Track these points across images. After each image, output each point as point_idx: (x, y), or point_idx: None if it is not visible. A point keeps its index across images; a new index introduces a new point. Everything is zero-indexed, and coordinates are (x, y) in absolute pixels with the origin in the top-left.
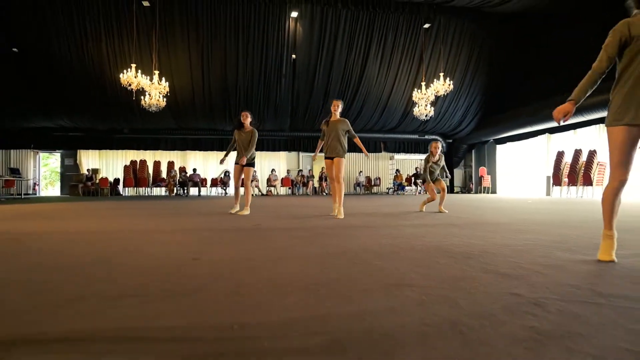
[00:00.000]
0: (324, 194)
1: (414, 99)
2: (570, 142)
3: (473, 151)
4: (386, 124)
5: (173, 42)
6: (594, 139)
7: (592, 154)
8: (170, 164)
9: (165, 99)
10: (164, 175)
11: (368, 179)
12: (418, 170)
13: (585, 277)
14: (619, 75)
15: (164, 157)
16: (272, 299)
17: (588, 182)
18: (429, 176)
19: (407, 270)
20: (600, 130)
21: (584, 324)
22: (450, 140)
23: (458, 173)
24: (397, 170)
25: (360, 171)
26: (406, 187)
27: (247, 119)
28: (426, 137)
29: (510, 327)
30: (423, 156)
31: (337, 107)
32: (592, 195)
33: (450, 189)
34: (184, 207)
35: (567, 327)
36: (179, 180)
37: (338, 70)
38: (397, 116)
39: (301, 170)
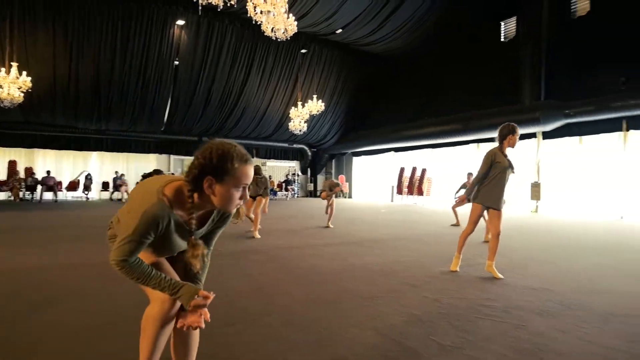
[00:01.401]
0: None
1: (291, 115)
2: (410, 160)
3: (333, 161)
4: (262, 132)
5: (34, 27)
6: (427, 159)
7: (424, 171)
8: (13, 164)
9: (22, 94)
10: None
11: None
12: (289, 177)
13: (448, 281)
14: (487, 179)
15: (5, 155)
16: None
17: (421, 192)
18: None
19: (377, 283)
20: (432, 153)
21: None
22: (315, 150)
23: (320, 179)
24: (269, 176)
25: None
26: (278, 193)
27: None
28: (295, 145)
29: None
30: (293, 163)
31: None
32: (423, 203)
33: (314, 194)
34: (60, 221)
35: (445, 311)
36: (27, 183)
37: (221, 81)
38: (272, 126)
39: (173, 174)
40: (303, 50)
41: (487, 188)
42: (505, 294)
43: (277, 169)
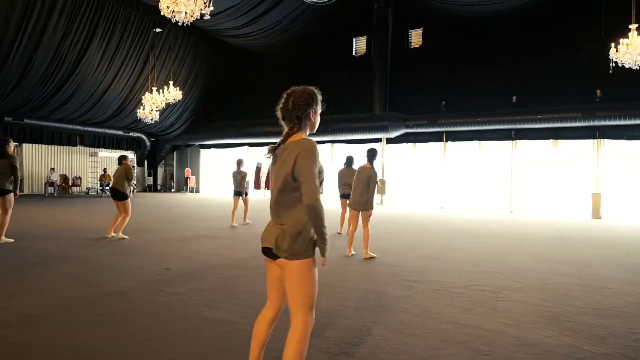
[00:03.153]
0: None
1: (144, 102)
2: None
3: (175, 152)
4: (94, 117)
5: None
6: None
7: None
8: None
9: None
10: None
11: (64, 177)
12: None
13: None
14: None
15: None
16: None
17: None
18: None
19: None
20: None
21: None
22: (154, 139)
23: (160, 172)
24: (104, 169)
25: (52, 168)
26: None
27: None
28: (131, 134)
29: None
30: (128, 154)
31: None
32: None
33: (154, 188)
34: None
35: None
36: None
37: (48, 49)
38: (109, 111)
39: None
40: (158, 30)
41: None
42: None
43: (109, 160)
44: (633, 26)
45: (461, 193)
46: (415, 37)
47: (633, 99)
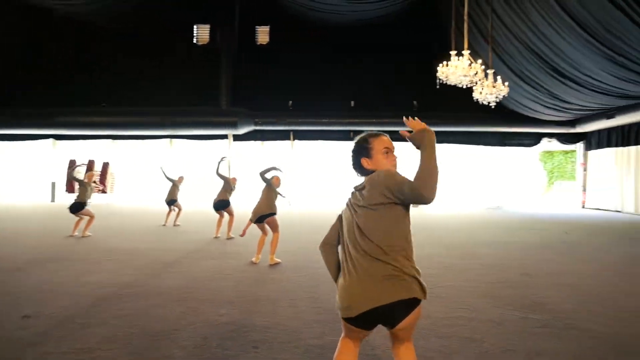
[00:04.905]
0: None
1: None
2: (83, 151)
3: None
4: None
5: None
6: (110, 152)
7: (106, 165)
8: None
9: None
10: None
11: None
12: None
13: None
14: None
15: None
16: None
17: (104, 190)
18: None
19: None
20: (115, 145)
21: None
22: None
23: None
24: None
25: None
26: None
27: None
28: None
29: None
30: None
31: None
32: (109, 201)
33: None
34: None
35: None
36: None
37: None
38: None
39: None
40: None
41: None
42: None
43: None
44: (453, 52)
45: (308, 191)
46: (263, 34)
47: (444, 110)
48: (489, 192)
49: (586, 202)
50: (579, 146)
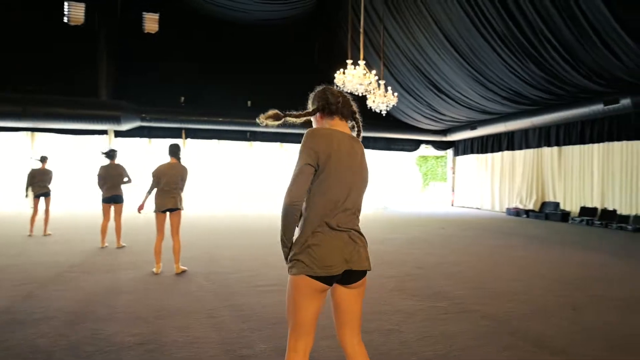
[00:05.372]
0: None
1: None
2: None
3: None
4: None
5: None
6: None
7: None
8: None
9: None
10: None
11: None
12: None
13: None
14: None
15: None
16: None
17: None
18: None
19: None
20: None
21: None
22: None
23: None
24: None
25: None
26: None
27: None
28: None
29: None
30: None
31: None
32: None
33: None
34: None
35: None
36: None
37: None
38: None
39: None
40: None
41: None
42: None
43: None
44: (349, 61)
45: (199, 192)
46: (151, 22)
47: None
48: (377, 194)
49: (454, 201)
50: (449, 152)
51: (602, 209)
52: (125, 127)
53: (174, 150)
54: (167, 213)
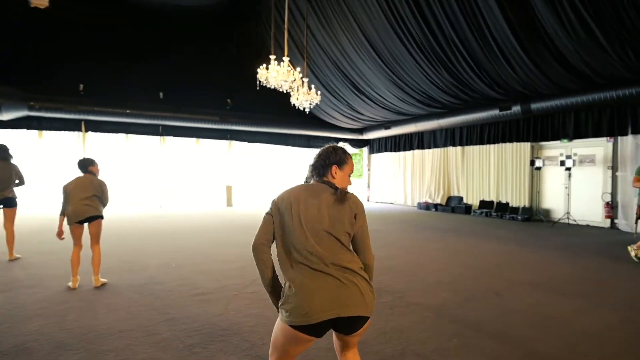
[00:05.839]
0: None
1: None
2: None
3: None
4: None
5: None
6: None
7: None
8: None
9: None
10: None
11: None
12: None
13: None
14: None
15: None
16: None
17: None
18: None
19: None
20: None
21: None
22: None
23: None
24: None
25: None
26: None
27: None
28: None
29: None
30: None
31: None
32: None
33: None
34: None
35: None
36: None
37: None
38: None
39: None
40: None
41: None
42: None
43: None
44: (272, 57)
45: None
46: None
47: (255, 112)
48: None
49: (370, 196)
50: (365, 150)
51: (497, 202)
52: (7, 116)
53: (84, 165)
54: (85, 224)
